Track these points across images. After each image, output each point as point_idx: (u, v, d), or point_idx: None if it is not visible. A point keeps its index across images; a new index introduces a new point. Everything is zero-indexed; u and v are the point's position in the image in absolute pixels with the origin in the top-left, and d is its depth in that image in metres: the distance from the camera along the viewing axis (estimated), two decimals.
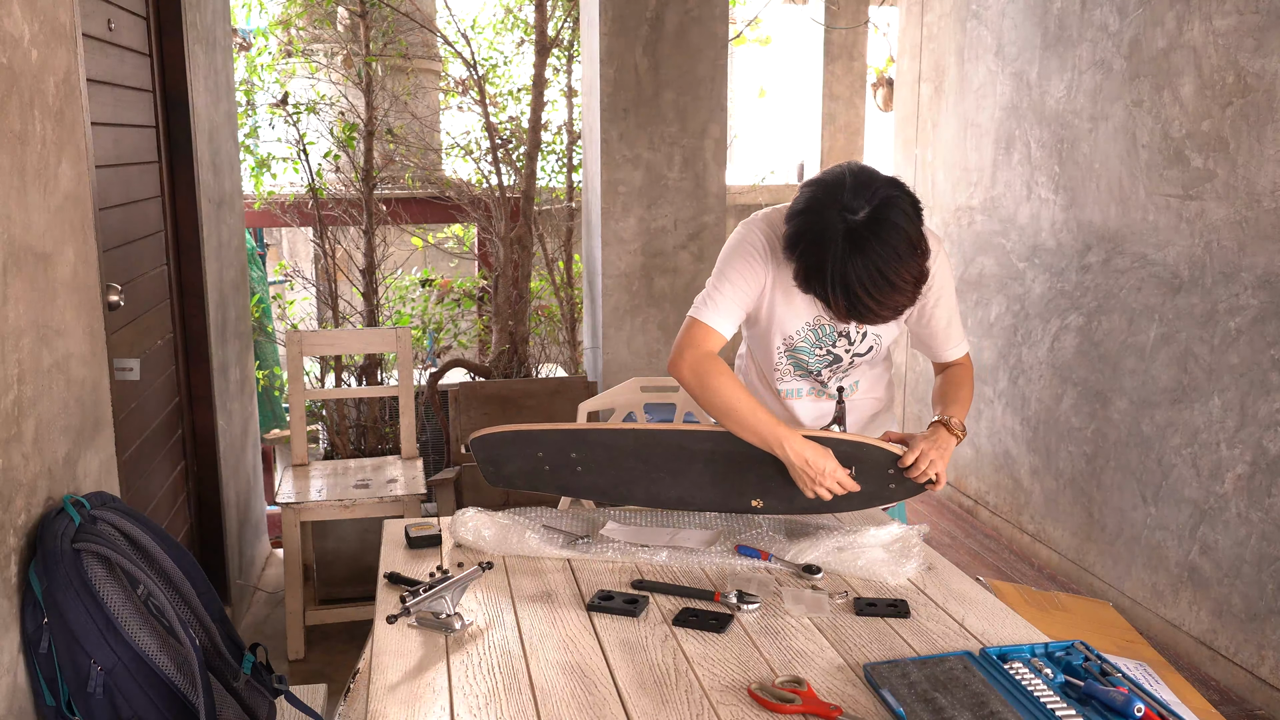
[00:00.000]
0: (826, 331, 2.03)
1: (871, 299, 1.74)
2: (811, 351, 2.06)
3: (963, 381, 2.11)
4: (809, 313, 2.01)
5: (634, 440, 1.96)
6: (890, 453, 1.91)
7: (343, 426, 4.35)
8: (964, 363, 2.15)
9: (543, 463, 1.99)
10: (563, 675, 1.48)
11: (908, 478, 1.92)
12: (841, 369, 2.09)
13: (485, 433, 1.99)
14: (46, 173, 1.86)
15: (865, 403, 2.19)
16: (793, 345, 2.06)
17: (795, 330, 2.04)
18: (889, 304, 1.76)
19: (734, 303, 1.97)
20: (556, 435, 1.98)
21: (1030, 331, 4.11)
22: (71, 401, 1.94)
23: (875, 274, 1.72)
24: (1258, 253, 2.99)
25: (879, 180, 1.77)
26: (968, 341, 2.17)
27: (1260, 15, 2.94)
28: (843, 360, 2.07)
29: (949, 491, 4.79)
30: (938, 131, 4.82)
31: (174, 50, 3.07)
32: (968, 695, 1.39)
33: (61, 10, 1.99)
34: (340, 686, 2.60)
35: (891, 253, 1.71)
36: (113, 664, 1.69)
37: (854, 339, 2.04)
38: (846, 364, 2.08)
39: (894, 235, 1.72)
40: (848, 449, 1.90)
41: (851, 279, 1.73)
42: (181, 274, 3.18)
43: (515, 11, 5.53)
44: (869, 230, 1.72)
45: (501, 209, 4.84)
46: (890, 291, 1.74)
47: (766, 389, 2.18)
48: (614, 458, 1.97)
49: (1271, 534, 2.97)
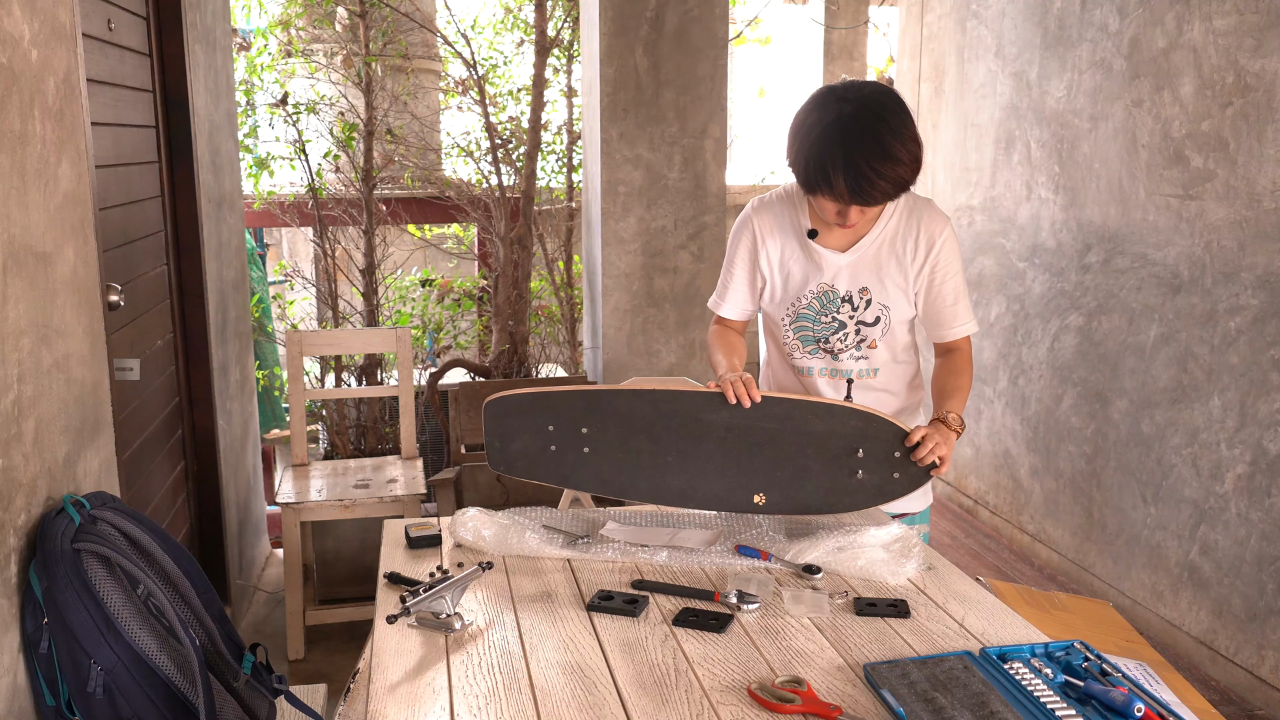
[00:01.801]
0: (831, 298, 2.09)
1: (871, 169, 1.84)
2: (817, 319, 2.11)
3: (961, 370, 2.12)
4: (811, 279, 2.09)
5: (651, 407, 1.95)
6: (899, 428, 1.90)
7: (343, 426, 4.35)
8: (964, 348, 2.15)
9: (550, 439, 1.98)
10: (563, 675, 1.48)
11: (912, 462, 1.91)
12: (849, 339, 2.10)
13: (501, 395, 1.99)
14: (46, 173, 1.86)
15: (882, 399, 2.17)
16: (798, 313, 2.12)
17: (799, 297, 2.11)
18: (889, 176, 1.85)
19: (737, 286, 2.17)
20: (572, 398, 1.97)
21: (1030, 331, 4.11)
22: (71, 401, 1.94)
23: (873, 145, 1.84)
24: (1258, 253, 2.99)
25: (865, 82, 1.94)
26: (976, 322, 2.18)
27: (1260, 15, 2.94)
28: (847, 326, 2.09)
29: (949, 491, 4.79)
30: (938, 131, 4.82)
31: (174, 50, 3.07)
32: (968, 695, 1.39)
33: (61, 10, 1.99)
34: (340, 686, 2.60)
35: (885, 128, 1.85)
36: (113, 664, 1.69)
37: (857, 304, 2.08)
38: (853, 332, 2.10)
39: (887, 113, 1.87)
40: (857, 422, 1.90)
41: (853, 152, 1.84)
42: (181, 274, 3.18)
43: (515, 11, 5.53)
44: (862, 112, 1.86)
45: (501, 209, 4.84)
46: (888, 163, 1.84)
47: (786, 369, 2.22)
48: (624, 435, 1.95)
49: (1271, 534, 2.97)
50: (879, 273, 2.07)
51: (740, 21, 6.59)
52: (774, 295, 2.15)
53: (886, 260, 2.07)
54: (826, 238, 2.08)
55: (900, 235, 2.06)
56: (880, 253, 2.07)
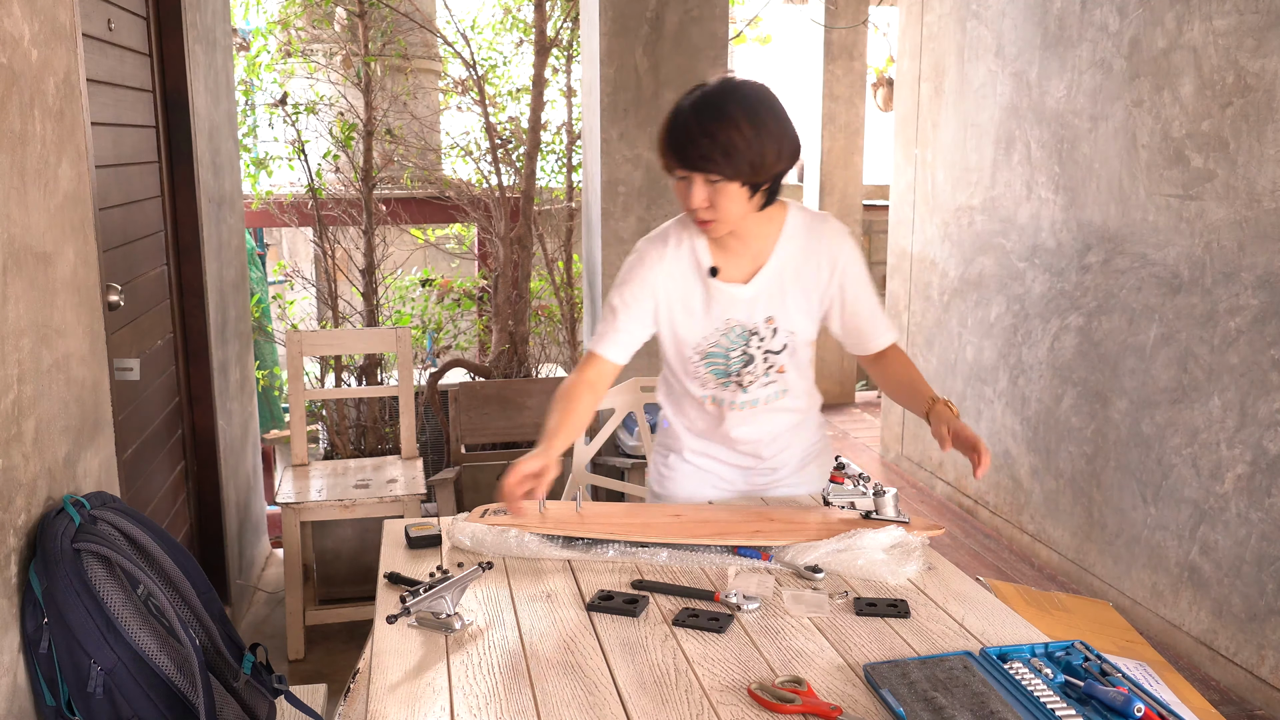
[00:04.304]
0: (738, 333, 2.02)
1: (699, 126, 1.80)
2: (727, 355, 2.04)
3: (908, 361, 2.09)
4: (716, 317, 2.02)
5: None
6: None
7: (343, 426, 4.35)
8: (900, 351, 2.11)
9: None
10: (563, 675, 1.48)
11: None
12: (757, 370, 2.05)
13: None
14: (46, 173, 1.86)
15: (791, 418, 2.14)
16: (706, 352, 2.05)
17: (704, 336, 2.03)
18: (717, 137, 1.80)
19: (626, 328, 2.03)
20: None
21: (1030, 331, 4.11)
22: (71, 401, 1.94)
23: (712, 110, 1.81)
24: (1258, 253, 2.99)
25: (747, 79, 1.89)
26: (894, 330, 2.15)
27: (1260, 15, 2.94)
28: (756, 359, 2.04)
29: (949, 491, 4.80)
30: (938, 131, 4.82)
31: (174, 50, 3.07)
32: (968, 695, 1.39)
33: (61, 10, 1.99)
34: (340, 686, 2.60)
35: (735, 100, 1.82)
36: (113, 664, 1.69)
37: (764, 335, 2.02)
38: (761, 361, 2.04)
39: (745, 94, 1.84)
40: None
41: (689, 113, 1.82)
42: (181, 274, 3.18)
43: (514, 11, 5.53)
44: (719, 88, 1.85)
45: (501, 209, 4.84)
46: (720, 124, 1.80)
47: (686, 396, 2.14)
48: None
49: (1271, 534, 2.97)
50: (783, 299, 2.01)
51: (740, 21, 6.59)
52: (677, 337, 2.06)
53: (790, 285, 2.01)
54: (727, 271, 2.00)
55: (802, 257, 2.00)
56: (783, 278, 2.00)
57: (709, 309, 2.02)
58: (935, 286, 4.88)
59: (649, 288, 2.02)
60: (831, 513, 2.01)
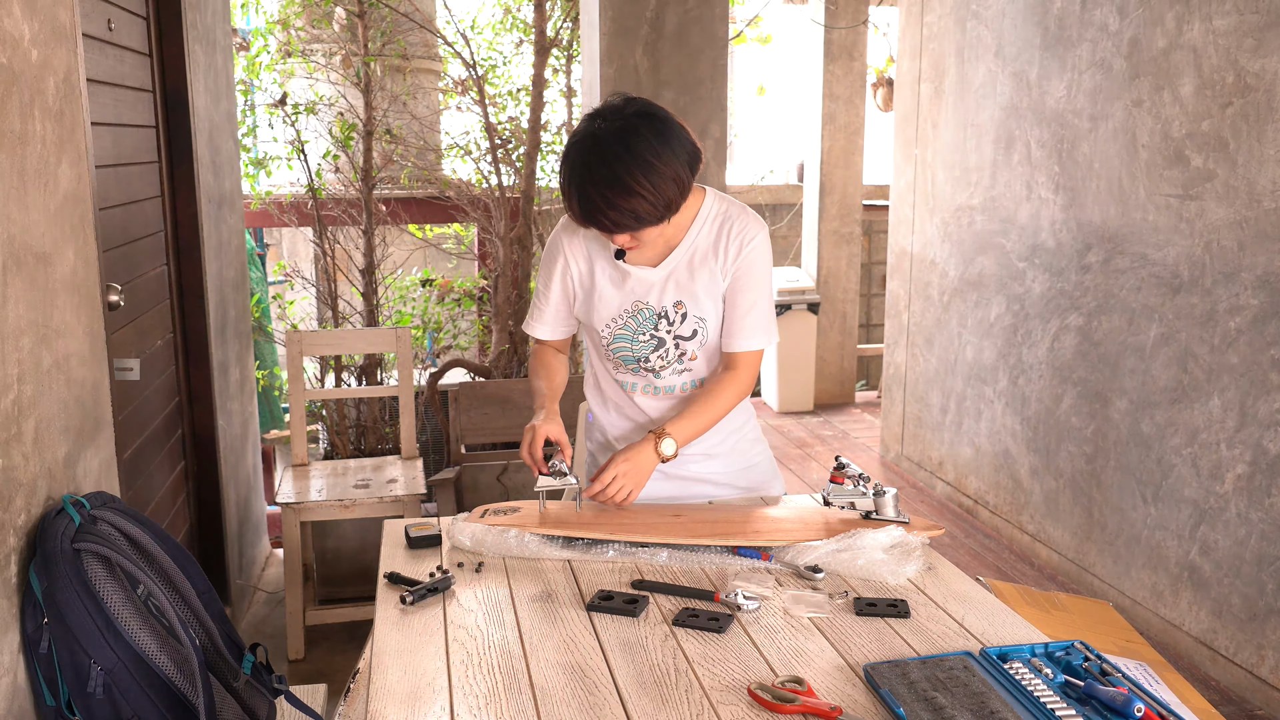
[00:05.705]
0: (646, 315, 2.02)
1: (602, 198, 1.79)
2: (634, 338, 2.04)
3: (714, 394, 2.01)
4: (625, 299, 2.03)
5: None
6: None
7: (343, 426, 4.35)
8: (741, 367, 2.03)
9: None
10: (563, 675, 1.48)
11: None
12: (669, 354, 2.04)
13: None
14: (46, 173, 1.86)
15: None
16: (615, 334, 2.05)
17: (613, 317, 2.04)
18: (621, 207, 1.79)
19: (550, 309, 2.12)
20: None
21: (1030, 331, 4.11)
22: (71, 401, 1.94)
23: (606, 172, 1.77)
24: (1258, 253, 2.99)
25: (643, 102, 1.85)
26: (772, 343, 2.10)
27: (1260, 15, 2.94)
28: (666, 343, 2.03)
29: (949, 491, 4.80)
30: (938, 131, 4.82)
31: (174, 50, 3.07)
32: (968, 695, 1.39)
33: (61, 10, 1.99)
34: (340, 686, 2.60)
35: (627, 157, 1.77)
36: (113, 664, 1.69)
37: (673, 319, 2.02)
38: (673, 348, 2.03)
39: (636, 141, 1.78)
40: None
41: (586, 179, 1.79)
42: (181, 274, 3.18)
43: (514, 12, 5.53)
44: (610, 137, 1.79)
45: (501, 209, 4.84)
46: (620, 194, 1.78)
47: (610, 381, 2.14)
48: None
49: (1271, 534, 2.97)
50: (692, 285, 2.00)
51: (740, 21, 6.59)
52: (589, 316, 2.07)
53: (699, 270, 1.99)
54: (636, 254, 1.99)
55: (712, 244, 2.00)
56: (693, 263, 1.99)
57: (619, 290, 2.04)
58: (935, 286, 4.88)
59: (559, 267, 2.08)
60: (831, 513, 2.01)
